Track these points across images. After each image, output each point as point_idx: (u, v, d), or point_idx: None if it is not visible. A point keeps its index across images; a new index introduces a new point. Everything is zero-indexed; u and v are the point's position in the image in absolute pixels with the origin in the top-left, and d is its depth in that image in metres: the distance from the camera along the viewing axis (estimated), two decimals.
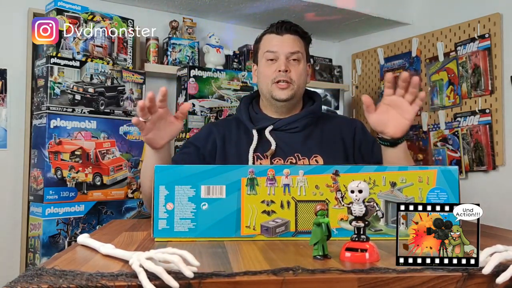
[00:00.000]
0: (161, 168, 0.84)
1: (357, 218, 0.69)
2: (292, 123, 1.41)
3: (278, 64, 1.38)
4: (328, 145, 1.41)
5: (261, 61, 1.43)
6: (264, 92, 1.42)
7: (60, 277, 0.53)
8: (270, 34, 1.44)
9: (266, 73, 1.40)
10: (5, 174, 1.91)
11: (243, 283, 0.56)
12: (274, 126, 1.40)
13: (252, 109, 1.48)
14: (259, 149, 1.37)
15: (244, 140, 1.40)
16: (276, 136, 1.39)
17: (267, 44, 1.43)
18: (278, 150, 1.37)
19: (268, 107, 1.46)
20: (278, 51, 1.39)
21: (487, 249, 0.62)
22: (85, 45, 1.88)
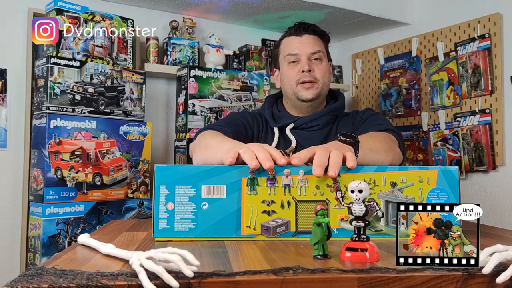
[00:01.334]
0: (161, 168, 0.84)
1: (357, 218, 0.70)
2: (313, 121, 1.42)
3: (301, 65, 1.40)
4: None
5: (283, 65, 1.45)
6: (289, 94, 1.43)
7: (60, 276, 0.53)
8: (289, 37, 1.46)
9: (290, 75, 1.41)
10: (5, 174, 1.91)
11: (243, 282, 0.56)
12: (295, 124, 1.42)
13: (275, 108, 1.50)
14: (281, 147, 1.39)
15: (267, 136, 1.43)
16: (297, 134, 1.41)
17: (287, 47, 1.44)
18: (298, 147, 1.38)
19: (293, 108, 1.48)
20: (299, 53, 1.40)
21: (487, 249, 0.62)
22: (85, 45, 1.88)
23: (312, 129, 1.43)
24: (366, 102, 2.69)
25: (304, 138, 1.40)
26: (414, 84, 2.39)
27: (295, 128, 1.42)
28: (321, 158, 0.84)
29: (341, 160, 0.85)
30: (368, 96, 2.67)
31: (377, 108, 2.59)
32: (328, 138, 1.42)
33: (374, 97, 2.63)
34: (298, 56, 1.41)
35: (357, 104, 2.75)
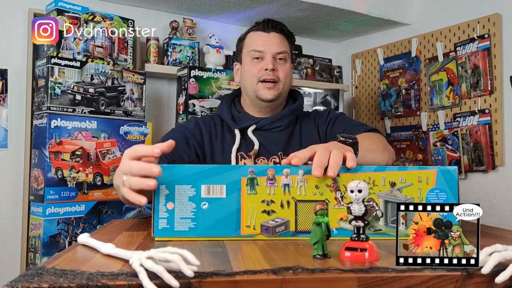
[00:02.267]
0: (161, 167, 0.84)
1: (356, 218, 0.70)
2: (275, 122, 1.39)
3: (265, 62, 1.35)
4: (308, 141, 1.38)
5: (246, 60, 1.39)
6: (249, 91, 1.39)
7: (60, 276, 0.53)
8: (256, 32, 1.40)
9: (252, 71, 1.36)
10: (5, 174, 1.92)
11: (243, 282, 0.56)
12: (257, 125, 1.38)
13: (234, 108, 1.44)
14: (243, 149, 1.35)
15: (228, 139, 1.37)
16: (259, 136, 1.37)
17: (252, 42, 1.39)
18: (261, 149, 1.35)
19: (251, 106, 1.42)
20: (265, 50, 1.36)
21: (487, 249, 0.63)
22: (86, 45, 1.88)
23: (275, 130, 1.39)
24: (365, 102, 2.69)
25: (267, 139, 1.37)
26: (413, 84, 2.39)
27: (257, 129, 1.38)
28: (321, 159, 0.84)
29: (341, 161, 0.84)
30: (368, 96, 2.67)
31: (377, 108, 2.60)
32: (291, 138, 1.39)
33: (373, 97, 2.63)
34: (263, 54, 1.36)
35: (356, 104, 2.75)
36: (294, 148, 1.37)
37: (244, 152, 1.34)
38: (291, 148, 1.37)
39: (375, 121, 2.61)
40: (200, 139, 1.35)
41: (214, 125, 1.40)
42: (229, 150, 1.34)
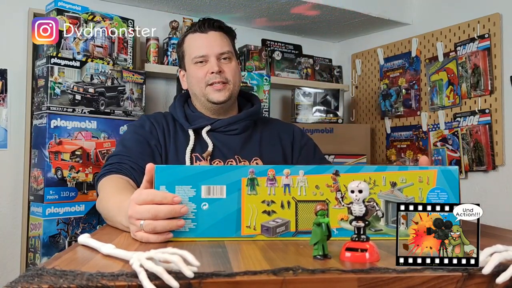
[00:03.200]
0: (161, 168, 0.84)
1: (357, 218, 0.70)
2: (231, 124, 1.35)
3: (210, 65, 1.30)
4: (267, 148, 1.38)
5: (190, 66, 1.34)
6: (199, 96, 1.34)
7: (60, 277, 0.53)
8: (193, 34, 1.35)
9: (198, 76, 1.32)
10: (5, 174, 1.92)
11: (243, 283, 0.56)
12: (212, 126, 1.34)
13: (187, 108, 1.39)
14: (197, 150, 1.31)
15: (181, 138, 1.33)
16: (213, 137, 1.33)
17: (193, 46, 1.34)
18: (216, 151, 1.31)
19: (204, 109, 1.38)
20: (207, 53, 1.31)
21: (487, 249, 0.62)
22: (85, 45, 1.88)
23: (230, 133, 1.35)
24: (366, 102, 2.69)
25: (221, 142, 1.33)
26: (413, 84, 2.39)
27: (211, 130, 1.34)
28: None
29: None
30: (368, 96, 2.67)
31: (377, 108, 2.59)
32: (248, 143, 1.36)
33: (373, 97, 2.63)
34: (206, 57, 1.31)
35: (356, 104, 2.75)
36: (252, 152, 1.35)
37: (199, 153, 1.31)
38: (248, 152, 1.34)
39: (375, 121, 2.61)
40: (157, 137, 1.31)
41: (166, 124, 1.35)
42: (183, 150, 1.30)
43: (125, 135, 1.34)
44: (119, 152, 1.25)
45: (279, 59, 2.55)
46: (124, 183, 1.12)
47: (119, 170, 1.18)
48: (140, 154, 1.24)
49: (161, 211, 0.78)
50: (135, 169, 1.19)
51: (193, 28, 1.36)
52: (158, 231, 0.79)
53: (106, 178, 1.15)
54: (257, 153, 1.36)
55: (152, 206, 0.79)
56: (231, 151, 1.33)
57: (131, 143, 1.27)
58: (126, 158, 1.21)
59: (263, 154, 1.36)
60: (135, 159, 1.22)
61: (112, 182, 1.13)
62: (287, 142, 1.42)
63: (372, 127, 2.60)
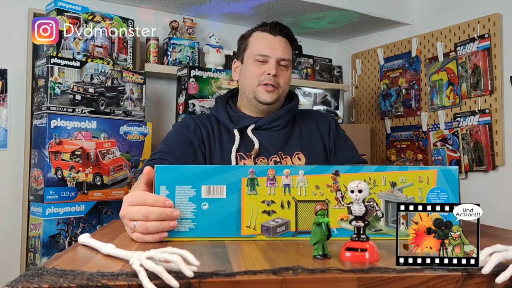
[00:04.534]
0: (161, 168, 0.84)
1: (357, 218, 0.70)
2: (273, 121, 1.38)
3: (269, 67, 1.34)
4: (308, 140, 1.41)
5: (249, 60, 1.38)
6: (247, 91, 1.38)
7: (60, 276, 0.53)
8: (262, 32, 1.38)
9: (254, 73, 1.35)
10: (5, 174, 1.92)
11: (243, 282, 0.56)
12: (255, 125, 1.37)
13: (230, 109, 1.43)
14: (242, 149, 1.34)
15: (225, 139, 1.36)
16: (258, 135, 1.36)
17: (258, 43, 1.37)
18: (261, 149, 1.34)
19: (248, 106, 1.41)
20: (270, 55, 1.35)
21: (487, 249, 0.62)
22: (85, 45, 1.88)
23: (274, 130, 1.38)
24: (366, 102, 2.69)
25: (266, 138, 1.36)
26: (413, 84, 2.39)
27: (255, 129, 1.37)
28: None
29: None
30: (368, 96, 2.67)
31: (377, 108, 2.59)
32: (290, 137, 1.39)
33: (374, 97, 2.63)
34: (267, 58, 1.35)
35: (356, 104, 2.75)
36: (293, 147, 1.37)
37: (244, 152, 1.34)
38: (290, 147, 1.37)
39: (375, 121, 2.61)
40: (201, 138, 1.34)
41: (210, 125, 1.38)
42: (228, 150, 1.33)
43: (169, 134, 1.37)
44: (162, 150, 1.28)
45: None
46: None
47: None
48: (183, 152, 1.27)
49: (152, 212, 0.79)
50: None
51: (263, 27, 1.40)
52: (150, 231, 0.79)
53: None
54: (299, 147, 1.38)
55: (143, 207, 0.79)
56: (275, 148, 1.36)
57: (174, 142, 1.30)
58: (168, 155, 1.24)
59: (305, 148, 1.38)
60: (177, 157, 1.24)
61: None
62: (324, 131, 1.45)
63: (372, 127, 2.60)
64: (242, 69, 1.40)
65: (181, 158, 1.24)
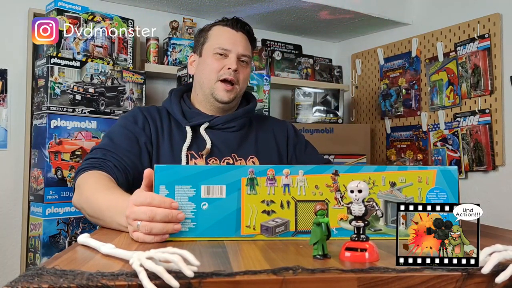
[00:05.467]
0: (161, 167, 0.84)
1: (356, 218, 0.70)
2: (229, 122, 1.34)
3: (229, 61, 1.30)
4: (263, 146, 1.39)
5: (208, 53, 1.33)
6: (205, 87, 1.33)
7: (60, 276, 0.53)
8: (223, 27, 1.35)
9: (214, 67, 1.30)
10: (5, 174, 1.92)
11: (243, 282, 0.56)
12: (209, 123, 1.32)
13: (184, 104, 1.36)
14: (193, 147, 1.28)
15: (176, 135, 1.29)
16: (211, 134, 1.31)
17: (219, 37, 1.33)
18: (214, 149, 1.29)
19: (203, 103, 1.36)
20: (231, 49, 1.31)
21: (487, 249, 0.63)
22: (86, 45, 1.88)
23: (228, 130, 1.34)
24: (366, 102, 2.69)
25: (220, 139, 1.32)
26: (413, 84, 2.39)
27: (209, 127, 1.32)
28: None
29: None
30: (368, 96, 2.67)
31: (377, 108, 2.59)
32: (244, 140, 1.36)
33: (374, 97, 2.63)
34: (228, 52, 1.30)
35: (357, 104, 2.75)
36: (248, 150, 1.34)
37: (195, 151, 1.28)
38: (244, 150, 1.34)
39: (375, 121, 2.61)
40: (149, 134, 1.27)
41: (160, 119, 1.32)
42: (178, 148, 1.27)
43: (115, 128, 1.29)
44: (105, 146, 1.21)
45: (279, 59, 2.55)
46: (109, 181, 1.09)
47: (102, 166, 1.14)
48: (127, 152, 1.21)
49: (158, 214, 0.79)
50: (118, 167, 1.16)
51: (225, 22, 1.36)
52: (154, 233, 0.79)
53: (89, 173, 1.11)
54: (253, 151, 1.36)
55: (149, 208, 0.79)
56: (228, 149, 1.32)
57: (119, 138, 1.23)
58: (111, 155, 1.18)
59: (259, 153, 1.36)
60: (120, 157, 1.18)
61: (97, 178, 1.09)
62: (282, 139, 1.43)
63: (372, 127, 2.60)
64: (200, 62, 1.35)
65: (125, 158, 1.19)
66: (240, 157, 1.32)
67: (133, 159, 1.21)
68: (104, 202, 0.97)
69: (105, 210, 0.96)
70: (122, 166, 1.17)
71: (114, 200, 0.95)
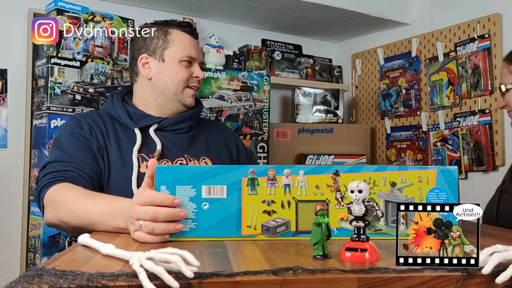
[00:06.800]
0: (162, 168, 0.84)
1: (357, 218, 0.70)
2: (178, 123, 1.34)
3: (197, 70, 1.33)
4: (214, 148, 1.40)
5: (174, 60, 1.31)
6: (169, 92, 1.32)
7: (60, 277, 0.53)
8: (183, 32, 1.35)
9: (182, 76, 1.31)
10: (5, 174, 1.92)
11: (243, 283, 0.56)
12: (158, 125, 1.31)
13: (128, 106, 1.35)
14: (144, 150, 1.26)
15: (123, 138, 1.27)
16: (161, 136, 1.30)
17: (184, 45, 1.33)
18: (165, 150, 1.29)
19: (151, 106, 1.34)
20: (196, 58, 1.34)
21: (487, 249, 0.63)
22: (85, 45, 1.88)
23: (177, 132, 1.34)
24: (366, 102, 2.69)
25: (169, 140, 1.31)
26: (413, 84, 2.39)
27: (158, 129, 1.31)
28: None
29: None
30: (368, 96, 2.67)
31: (377, 108, 2.60)
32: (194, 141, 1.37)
33: (374, 97, 2.63)
34: (194, 61, 1.34)
35: (357, 104, 2.75)
36: (199, 151, 1.35)
37: (145, 153, 1.27)
38: (196, 151, 1.35)
39: (375, 121, 2.61)
40: (97, 140, 1.24)
41: (103, 123, 1.29)
42: (127, 150, 1.25)
43: (62, 139, 1.23)
44: (60, 158, 1.15)
45: (279, 59, 2.55)
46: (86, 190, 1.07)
47: (67, 178, 1.11)
48: (84, 160, 1.17)
49: (161, 213, 0.79)
50: (83, 176, 1.13)
51: (182, 27, 1.36)
52: (156, 233, 0.79)
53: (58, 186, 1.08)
54: (205, 152, 1.37)
55: (151, 208, 0.79)
56: (180, 150, 1.32)
57: (72, 148, 1.19)
58: (70, 165, 1.14)
59: (211, 154, 1.37)
60: (81, 166, 1.15)
61: (72, 189, 1.06)
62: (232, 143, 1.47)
63: (372, 127, 2.60)
64: (164, 67, 1.32)
65: (85, 167, 1.15)
66: (192, 158, 1.33)
67: (92, 166, 1.18)
68: (94, 210, 0.95)
69: (96, 218, 0.94)
70: (86, 175, 1.14)
71: (105, 206, 0.94)
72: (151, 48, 1.35)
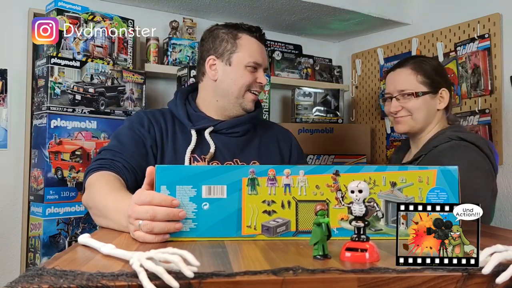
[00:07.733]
0: (162, 168, 0.84)
1: (357, 218, 0.70)
2: (233, 127, 1.36)
3: (261, 76, 1.35)
4: (266, 152, 1.40)
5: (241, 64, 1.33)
6: (231, 95, 1.34)
7: (60, 277, 0.53)
8: (251, 37, 1.36)
9: (247, 80, 1.33)
10: (5, 174, 1.92)
11: (243, 283, 0.56)
12: (214, 128, 1.34)
13: (189, 106, 1.38)
14: (197, 151, 1.30)
15: (180, 138, 1.31)
16: (215, 139, 1.33)
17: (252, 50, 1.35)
18: (217, 153, 1.31)
19: (211, 107, 1.37)
20: (262, 64, 1.35)
21: (487, 249, 0.63)
22: (86, 45, 1.88)
23: (232, 135, 1.36)
24: (366, 102, 2.69)
25: (223, 143, 1.33)
26: None
27: (213, 131, 1.34)
28: None
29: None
30: (368, 96, 2.67)
31: (377, 108, 2.59)
32: (248, 146, 1.38)
33: (374, 97, 2.63)
34: (260, 66, 1.35)
35: (357, 104, 2.75)
36: (250, 155, 1.36)
37: (198, 154, 1.29)
38: (247, 155, 1.35)
39: (375, 121, 2.61)
40: (154, 137, 1.29)
41: (164, 122, 1.33)
42: (182, 150, 1.29)
43: (122, 130, 1.31)
44: (113, 148, 1.23)
45: (279, 59, 2.55)
46: (118, 182, 1.11)
47: (112, 167, 1.16)
48: (134, 153, 1.23)
49: (159, 213, 0.79)
50: (127, 168, 1.19)
51: (252, 32, 1.37)
52: (155, 232, 0.79)
53: (99, 174, 1.13)
54: (256, 156, 1.37)
55: (150, 207, 0.79)
56: (231, 153, 1.34)
57: (126, 140, 1.25)
58: (120, 156, 1.20)
59: (262, 158, 1.37)
60: (128, 158, 1.20)
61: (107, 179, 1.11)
62: (285, 147, 1.46)
63: (372, 127, 2.60)
64: (229, 71, 1.34)
65: (132, 160, 1.21)
66: (242, 162, 1.34)
67: (139, 160, 1.23)
68: (111, 203, 0.98)
69: (111, 211, 0.96)
70: (131, 167, 1.19)
71: (119, 202, 0.95)
72: (219, 50, 1.36)
